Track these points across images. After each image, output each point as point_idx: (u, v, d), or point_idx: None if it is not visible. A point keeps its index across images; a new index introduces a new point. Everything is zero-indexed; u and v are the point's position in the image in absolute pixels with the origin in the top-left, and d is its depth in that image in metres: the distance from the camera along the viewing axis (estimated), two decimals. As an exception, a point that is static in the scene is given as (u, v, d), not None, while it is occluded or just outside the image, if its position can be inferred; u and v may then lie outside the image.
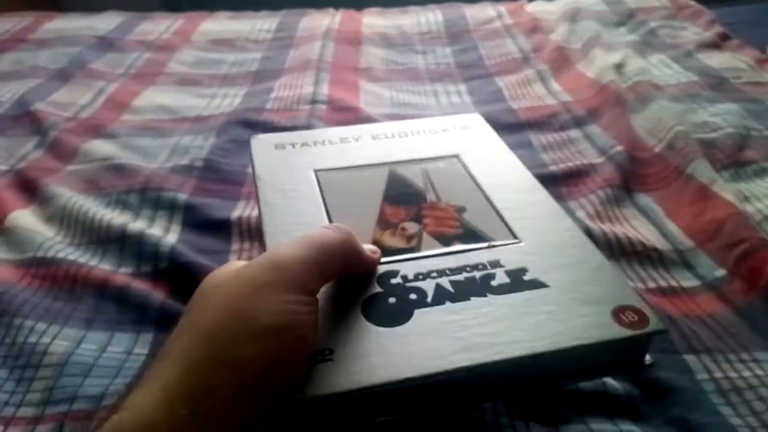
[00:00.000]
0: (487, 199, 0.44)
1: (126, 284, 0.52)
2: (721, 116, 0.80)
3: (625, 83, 0.91)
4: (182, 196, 0.65)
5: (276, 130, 0.82)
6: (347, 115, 0.87)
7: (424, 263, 0.37)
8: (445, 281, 0.35)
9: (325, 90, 0.95)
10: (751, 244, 0.54)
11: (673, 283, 0.54)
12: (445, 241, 0.39)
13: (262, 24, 1.34)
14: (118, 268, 0.56)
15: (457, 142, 0.53)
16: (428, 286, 0.34)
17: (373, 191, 0.45)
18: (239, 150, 0.78)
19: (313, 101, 0.91)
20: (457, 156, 0.50)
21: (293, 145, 0.52)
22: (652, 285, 0.53)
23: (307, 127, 0.82)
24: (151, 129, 0.86)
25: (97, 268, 0.55)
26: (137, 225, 0.60)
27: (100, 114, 0.90)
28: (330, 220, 0.41)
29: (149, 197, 0.66)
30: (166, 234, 0.60)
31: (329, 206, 0.42)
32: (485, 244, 0.39)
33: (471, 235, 0.40)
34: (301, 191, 0.44)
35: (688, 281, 0.54)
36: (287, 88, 0.97)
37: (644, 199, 0.66)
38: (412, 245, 0.38)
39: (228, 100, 0.96)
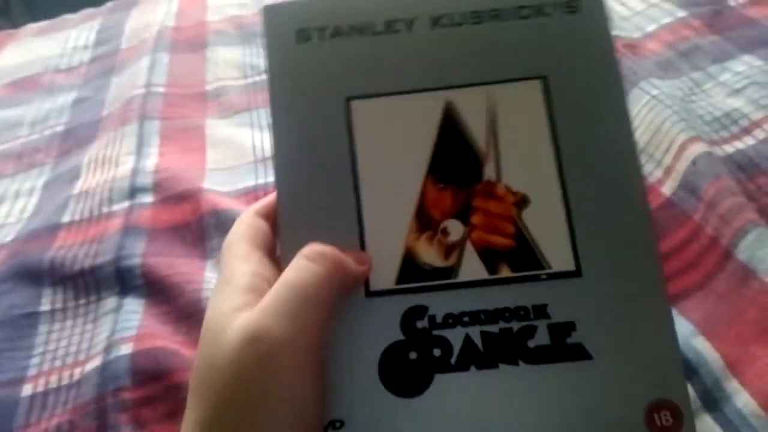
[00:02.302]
0: (563, 185, 0.32)
1: None
2: None
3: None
4: None
5: (66, 278, 0.53)
6: (185, 209, 0.57)
7: (459, 296, 0.31)
8: (476, 332, 0.31)
9: (151, 160, 0.64)
10: None
11: None
12: (491, 259, 0.32)
13: (78, 36, 0.98)
14: None
15: (551, 40, 0.34)
16: (456, 337, 0.31)
17: (418, 149, 0.34)
18: (11, 355, 0.49)
19: (133, 191, 0.60)
20: (543, 79, 0.34)
21: (320, 32, 0.36)
22: None
23: (116, 261, 0.53)
24: None
25: None
26: None
27: None
28: (359, 214, 0.32)
29: None
30: None
31: (361, 182, 0.33)
32: (539, 273, 0.31)
33: (524, 253, 0.32)
34: (326, 136, 0.34)
35: None
36: (98, 166, 0.66)
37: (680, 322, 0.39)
38: (450, 263, 0.32)
39: (19, 206, 0.65)
